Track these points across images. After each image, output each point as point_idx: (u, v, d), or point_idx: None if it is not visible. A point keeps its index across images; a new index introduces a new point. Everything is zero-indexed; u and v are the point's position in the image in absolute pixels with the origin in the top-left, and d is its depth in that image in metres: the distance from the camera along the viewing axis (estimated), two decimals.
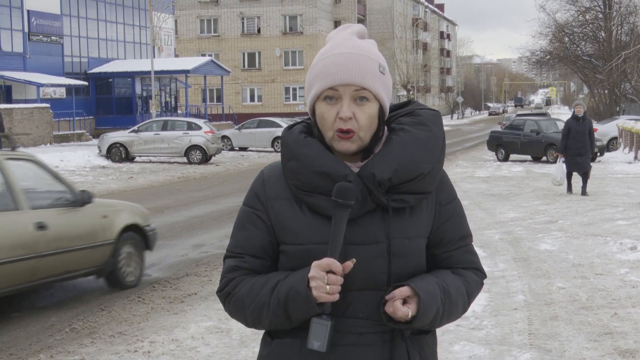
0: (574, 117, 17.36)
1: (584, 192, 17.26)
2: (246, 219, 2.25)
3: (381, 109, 2.19)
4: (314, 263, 2.08)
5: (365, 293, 2.15)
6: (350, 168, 2.16)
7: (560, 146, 17.57)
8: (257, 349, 6.46)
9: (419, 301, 2.11)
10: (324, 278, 2.04)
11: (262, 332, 2.31)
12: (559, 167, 17.43)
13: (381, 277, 2.15)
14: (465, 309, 2.29)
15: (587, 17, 49.63)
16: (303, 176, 2.16)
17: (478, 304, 7.78)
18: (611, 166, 26.62)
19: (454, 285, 2.23)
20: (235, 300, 2.21)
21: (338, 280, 2.05)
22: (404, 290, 2.11)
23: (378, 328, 2.16)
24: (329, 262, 2.05)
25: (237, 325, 7.10)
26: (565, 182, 17.52)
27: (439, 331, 2.37)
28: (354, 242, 2.13)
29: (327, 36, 2.29)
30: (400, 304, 2.10)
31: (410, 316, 2.10)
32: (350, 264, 2.06)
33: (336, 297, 2.06)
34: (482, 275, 2.36)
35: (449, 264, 2.29)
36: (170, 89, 52.87)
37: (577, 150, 17.03)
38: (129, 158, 31.43)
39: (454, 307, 2.22)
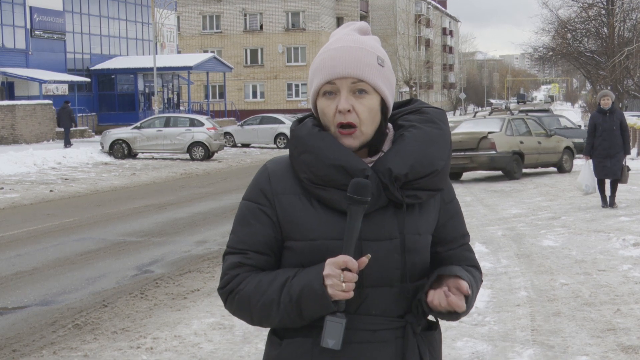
0: (600, 110, 14.21)
1: (611, 203, 14.35)
2: (249, 214, 2.19)
3: (383, 102, 2.17)
4: (329, 260, 2.05)
5: (379, 289, 2.13)
6: (365, 162, 2.14)
7: (586, 147, 14.40)
8: (260, 346, 6.47)
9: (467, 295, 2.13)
10: (340, 276, 2.02)
11: (266, 329, 2.27)
12: (585, 172, 14.33)
13: (395, 273, 2.14)
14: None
15: (590, 13, 49.47)
16: (318, 169, 2.11)
17: (481, 300, 7.78)
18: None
19: (472, 280, 2.25)
20: (240, 298, 2.15)
21: (354, 278, 2.02)
22: (465, 285, 2.11)
23: (391, 324, 2.15)
24: (345, 259, 2.02)
25: (240, 322, 7.10)
26: (597, 191, 14.43)
27: (441, 327, 2.37)
28: (368, 238, 2.11)
29: (329, 33, 2.29)
30: (456, 297, 2.09)
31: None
32: (365, 259, 2.04)
33: (351, 294, 2.03)
34: (480, 273, 2.38)
35: (452, 262, 2.28)
36: (172, 86, 52.84)
37: (605, 151, 13.98)
38: (131, 154, 31.46)
39: (474, 302, 2.25)
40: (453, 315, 2.13)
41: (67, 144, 33.72)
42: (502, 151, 20.93)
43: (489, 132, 21.06)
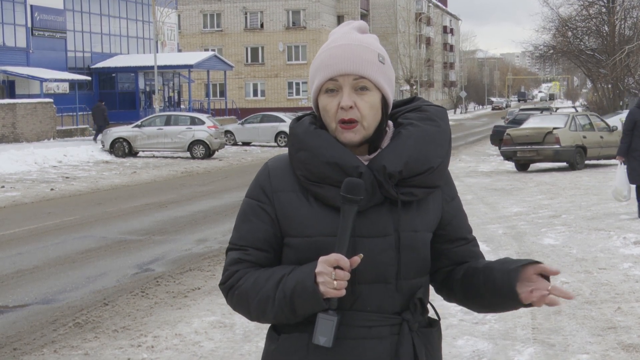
0: None
1: None
2: (250, 211, 2.23)
3: (384, 99, 2.19)
4: (321, 258, 2.06)
5: (375, 286, 2.15)
6: (360, 160, 2.16)
7: (622, 146, 12.57)
8: (260, 344, 6.47)
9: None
10: (332, 274, 2.03)
11: (266, 327, 2.30)
12: (623, 177, 12.59)
13: (390, 269, 2.15)
14: None
15: (591, 11, 49.44)
16: (313, 166, 2.15)
17: None
18: (614, 160, 26.66)
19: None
20: (239, 294, 2.19)
21: (345, 276, 2.04)
22: (546, 267, 2.13)
23: (387, 321, 2.16)
24: (336, 257, 2.04)
25: (240, 320, 7.11)
26: (634, 197, 12.71)
27: (442, 326, 2.37)
28: (362, 234, 2.13)
29: (330, 31, 2.31)
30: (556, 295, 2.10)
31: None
32: (357, 259, 2.06)
33: (343, 292, 2.05)
34: None
35: (462, 259, 2.31)
36: (173, 84, 52.84)
37: None
38: (132, 153, 31.47)
39: None
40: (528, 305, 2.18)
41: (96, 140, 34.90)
42: (565, 145, 22.99)
43: (554, 128, 23.12)
